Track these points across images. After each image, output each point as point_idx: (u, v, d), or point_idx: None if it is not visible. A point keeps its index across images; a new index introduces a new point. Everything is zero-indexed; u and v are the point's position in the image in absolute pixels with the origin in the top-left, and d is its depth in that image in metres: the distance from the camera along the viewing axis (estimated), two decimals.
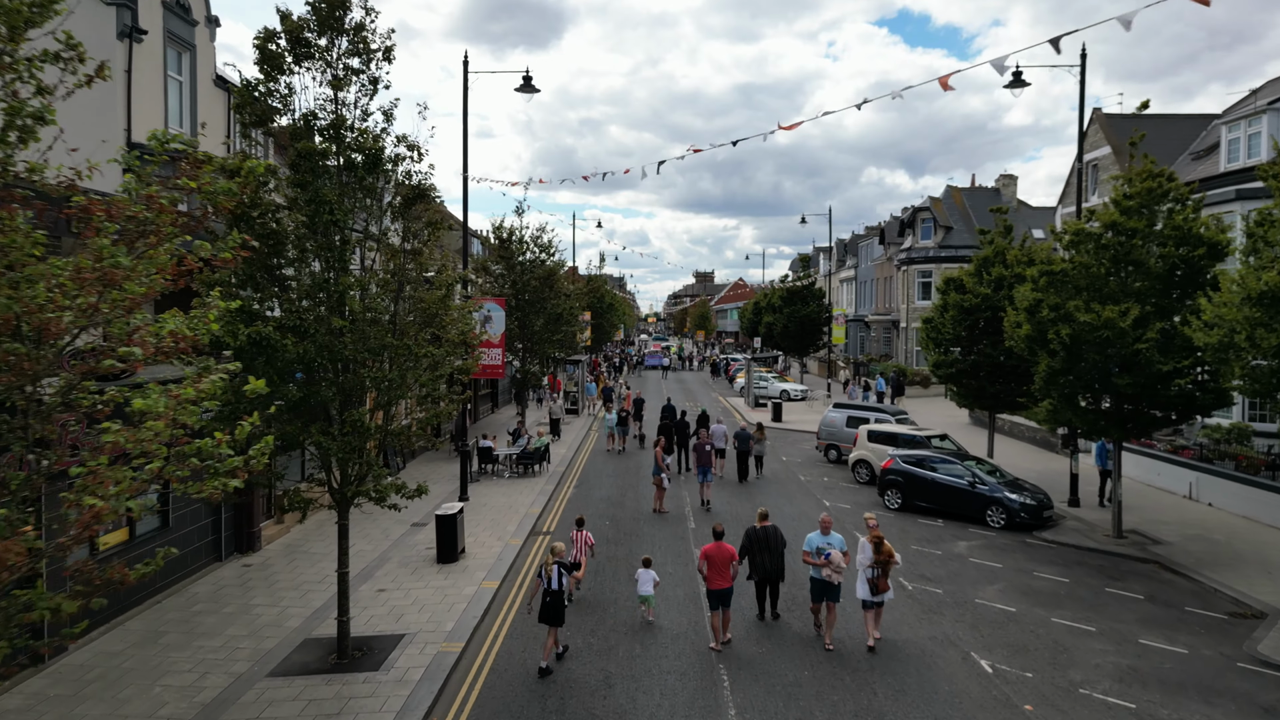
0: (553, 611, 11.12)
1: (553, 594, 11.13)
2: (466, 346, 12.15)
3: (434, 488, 22.31)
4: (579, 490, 22.38)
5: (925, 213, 48.43)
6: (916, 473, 20.09)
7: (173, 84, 17.52)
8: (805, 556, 12.21)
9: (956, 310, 23.14)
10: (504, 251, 26.53)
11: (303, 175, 10.03)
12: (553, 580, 11.15)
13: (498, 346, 21.10)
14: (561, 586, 11.19)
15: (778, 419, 36.35)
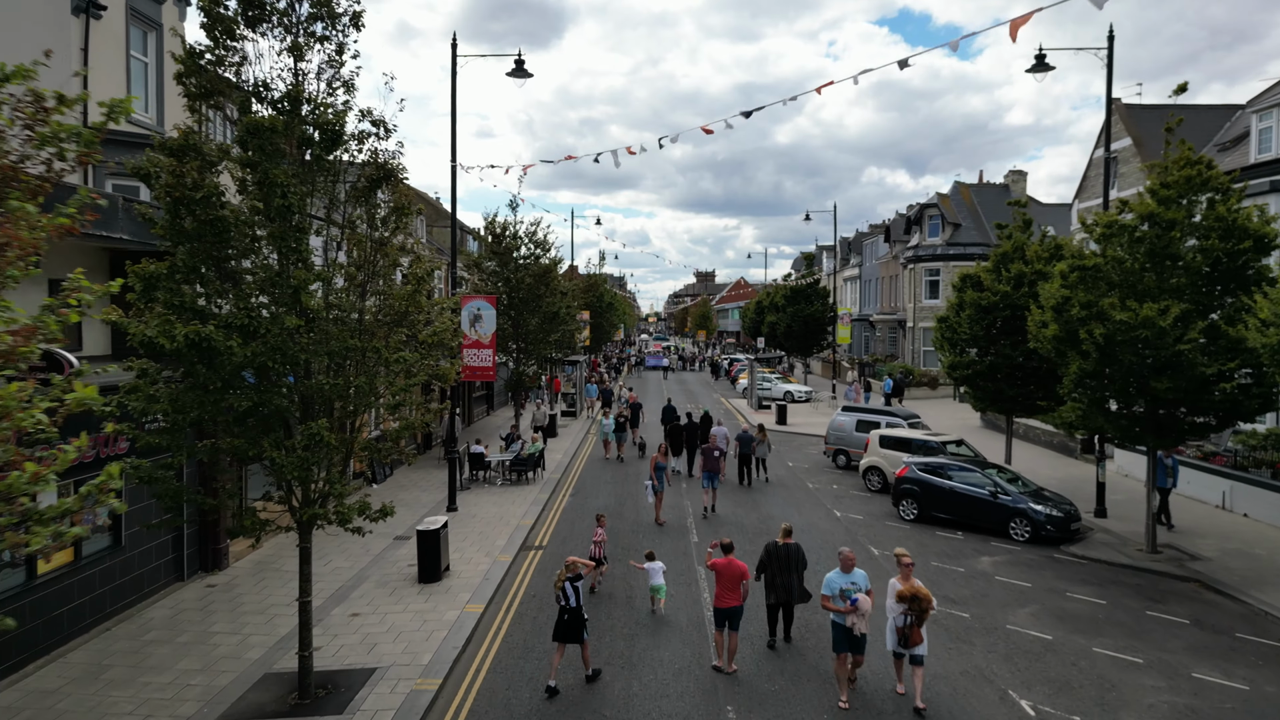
0: (571, 629, 10.39)
1: (571, 611, 10.36)
2: (444, 349, 10.93)
3: (422, 496, 21.11)
4: (575, 499, 21.15)
5: (933, 209, 47.20)
6: (933, 482, 18.86)
7: (136, 65, 16.31)
8: (825, 602, 10.25)
9: (974, 309, 21.91)
10: (497, 248, 25.29)
11: (252, 154, 8.80)
12: (569, 596, 10.39)
13: (488, 347, 19.87)
14: (579, 603, 10.41)
15: (782, 422, 35.14)
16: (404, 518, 18.87)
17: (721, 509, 19.93)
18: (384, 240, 10.02)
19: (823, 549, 16.48)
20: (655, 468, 18.71)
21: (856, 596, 9.92)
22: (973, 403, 23.19)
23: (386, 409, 10.22)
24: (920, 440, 21.86)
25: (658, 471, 18.67)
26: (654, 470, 18.69)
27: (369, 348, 9.47)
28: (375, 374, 9.71)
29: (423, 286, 10.33)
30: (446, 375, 11.30)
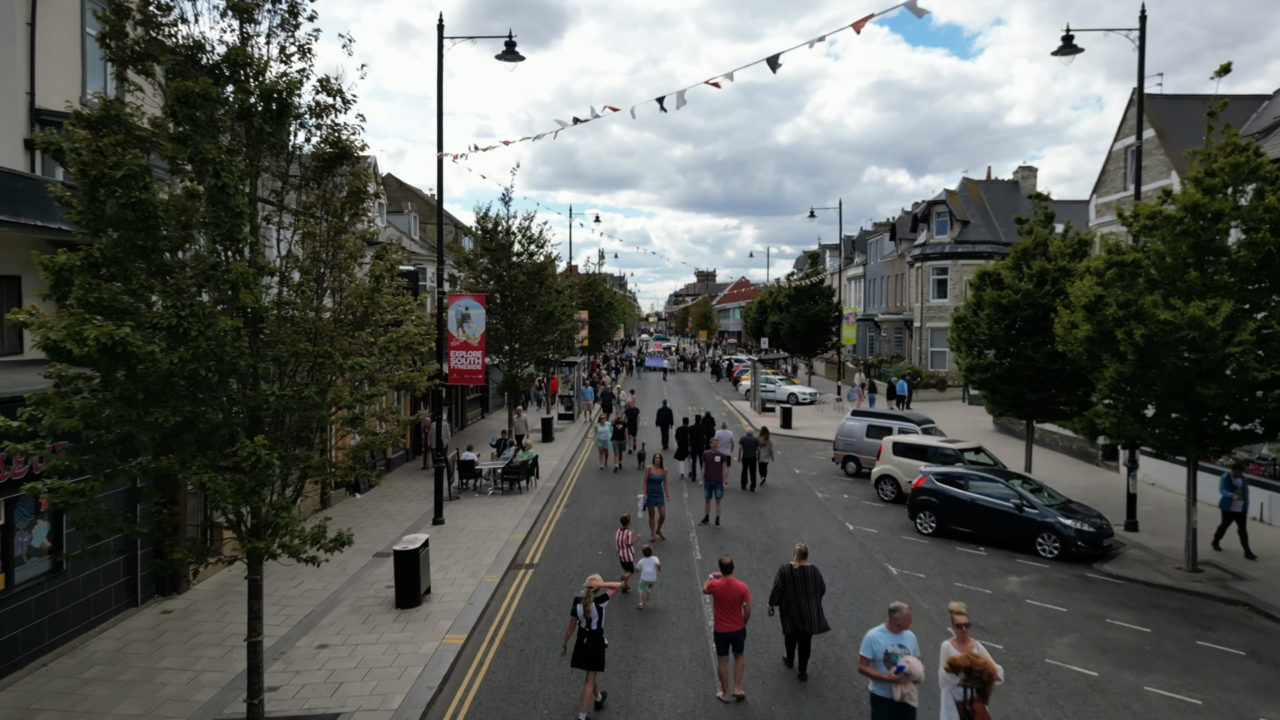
0: (591, 654, 9.55)
1: (591, 634, 9.53)
2: (412, 354, 9.68)
3: (408, 507, 19.86)
4: (570, 510, 19.89)
5: (940, 206, 45.92)
6: (953, 493, 17.60)
7: (93, 44, 15.05)
8: (863, 666, 8.20)
9: (993, 308, 20.65)
10: (489, 244, 24.03)
11: (185, 127, 7.54)
12: (591, 618, 9.54)
13: (476, 348, 18.62)
14: (601, 626, 9.58)
15: (787, 425, 33.87)
16: (386, 531, 17.64)
17: (726, 520, 18.68)
18: (341, 229, 8.76)
19: (836, 567, 15.24)
20: (649, 480, 17.10)
21: (904, 663, 7.92)
22: (990, 407, 21.92)
23: (343, 423, 8.93)
24: (937, 448, 20.60)
25: (651, 485, 17.04)
26: (647, 483, 17.11)
27: (321, 352, 8.21)
28: (329, 383, 8.45)
29: (385, 283, 9.08)
30: (415, 384, 10.03)
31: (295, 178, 8.70)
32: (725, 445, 22.70)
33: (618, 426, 25.35)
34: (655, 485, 17.00)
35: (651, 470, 17.11)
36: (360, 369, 8.44)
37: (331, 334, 8.54)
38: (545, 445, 29.02)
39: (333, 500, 19.88)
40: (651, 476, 17.05)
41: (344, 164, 8.86)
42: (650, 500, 16.95)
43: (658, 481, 16.99)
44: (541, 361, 34.38)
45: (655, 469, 17.07)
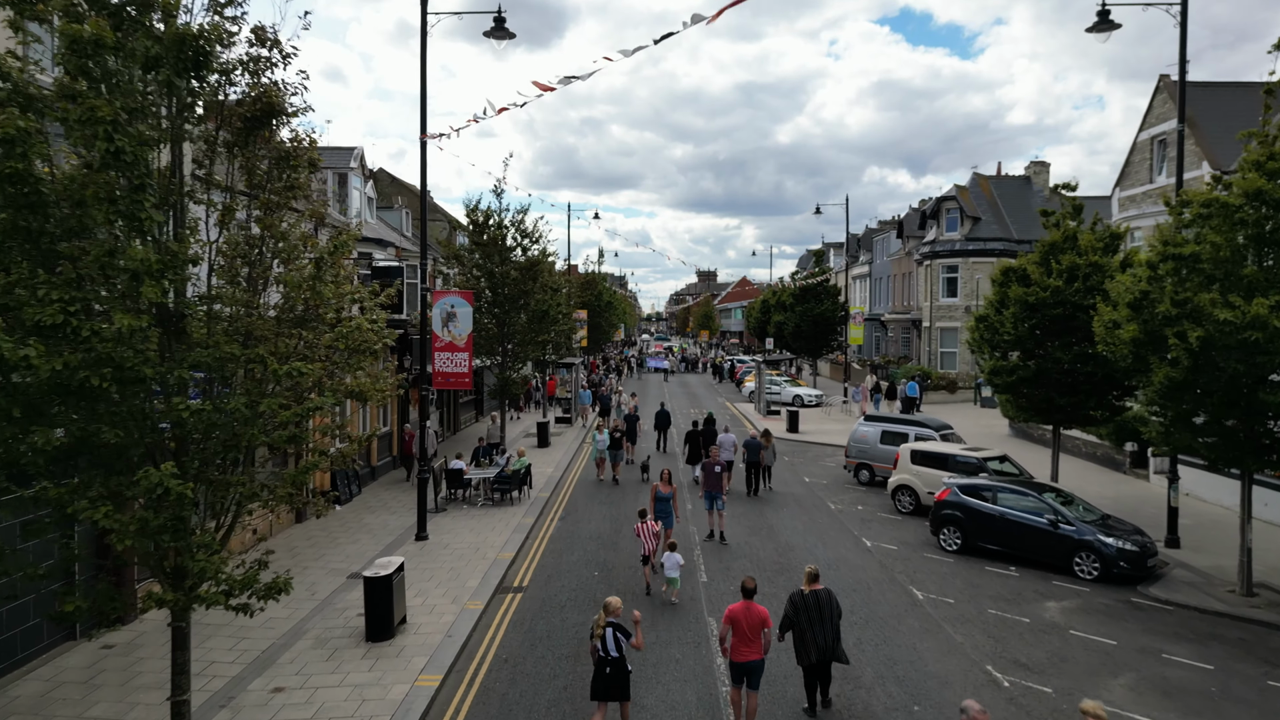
0: (613, 684, 8.68)
1: (613, 662, 8.67)
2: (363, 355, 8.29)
3: (391, 520, 18.46)
4: (564, 525, 18.49)
5: (950, 202, 44.48)
6: (980, 508, 16.20)
7: None
8: None
9: (1018, 306, 19.23)
10: (479, 238, 22.62)
11: (75, 80, 6.15)
12: (609, 645, 8.67)
13: (463, 350, 17.22)
14: (622, 653, 8.71)
15: (794, 429, 32.46)
16: (365, 548, 16.25)
17: (732, 535, 17.28)
18: (271, 205, 7.36)
19: (855, 591, 13.84)
20: (656, 499, 15.25)
21: None
22: (1013, 412, 20.50)
23: (282, 442, 7.53)
24: (958, 456, 19.19)
25: (659, 504, 15.13)
26: (654, 502, 15.20)
27: (251, 357, 6.82)
28: (263, 394, 7.06)
29: (328, 270, 7.68)
30: (365, 393, 8.64)
31: (223, 145, 7.30)
32: (727, 449, 22.03)
33: (615, 435, 23.40)
34: (664, 504, 15.16)
35: (659, 488, 15.39)
36: (299, 376, 7.03)
37: (269, 334, 7.14)
38: (540, 451, 27.63)
39: (308, 514, 18.47)
40: (659, 494, 15.27)
41: (274, 125, 7.44)
42: (665, 523, 14.93)
43: (666, 500, 15.21)
44: (539, 363, 33.07)
45: (664, 486, 15.41)
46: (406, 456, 21.92)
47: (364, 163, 29.34)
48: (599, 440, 23.18)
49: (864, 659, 11.17)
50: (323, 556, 15.65)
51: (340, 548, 16.24)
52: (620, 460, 23.43)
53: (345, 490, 20.13)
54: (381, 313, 9.19)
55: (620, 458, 23.35)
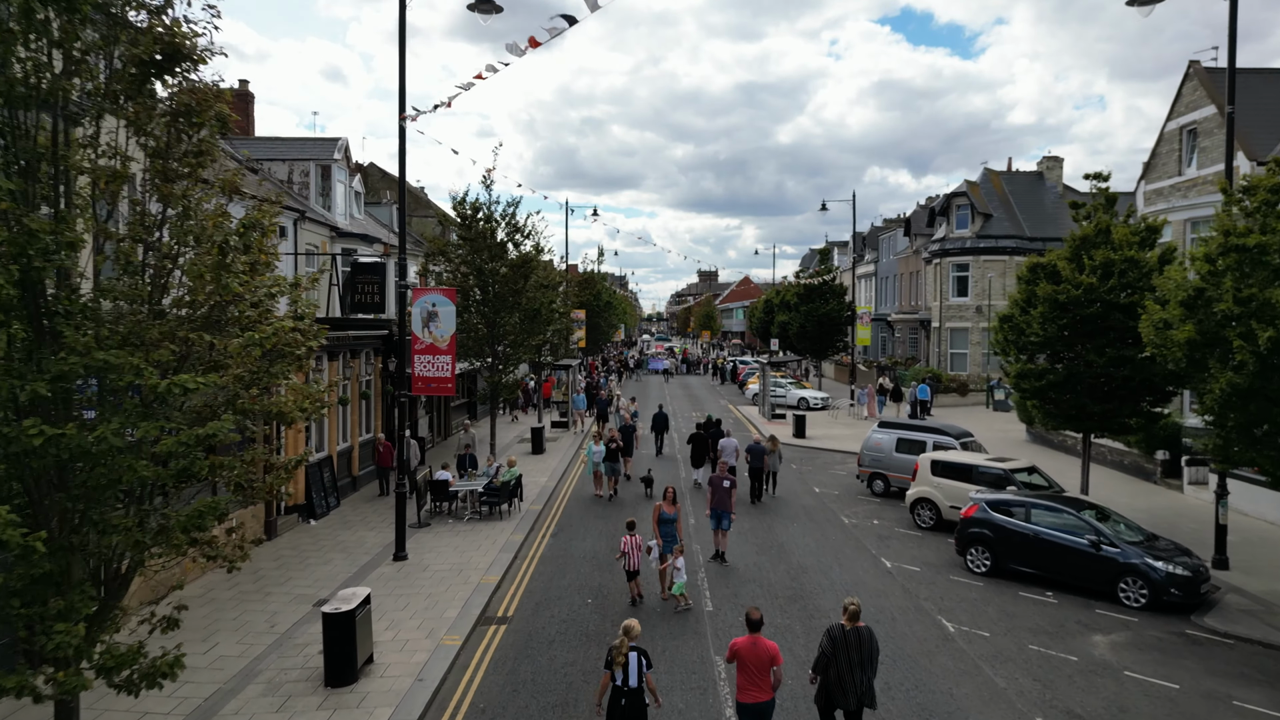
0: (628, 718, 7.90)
1: (630, 694, 7.89)
2: (283, 362, 6.86)
3: (369, 537, 17.03)
4: (556, 542, 17.05)
5: (961, 199, 43.02)
6: (1012, 526, 14.75)
7: None
8: None
9: (1048, 305, 17.78)
10: (467, 233, 21.17)
11: None
12: (630, 673, 7.89)
13: (445, 352, 15.79)
14: (642, 684, 7.98)
15: (801, 434, 31.01)
16: (337, 569, 14.83)
17: (737, 555, 15.86)
18: (174, 174, 5.92)
19: (879, 621, 12.39)
20: (659, 520, 13.66)
21: None
22: (1041, 419, 19.03)
23: (166, 477, 6.08)
24: (983, 467, 17.76)
25: (663, 526, 13.57)
26: (658, 524, 13.63)
27: (127, 366, 5.36)
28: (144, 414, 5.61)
29: (236, 257, 6.23)
30: (285, 413, 7.20)
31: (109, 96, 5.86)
32: (729, 455, 21.14)
33: (610, 446, 21.14)
34: (668, 526, 13.60)
35: (663, 507, 13.79)
36: (182, 391, 5.56)
37: (162, 338, 5.69)
38: (534, 459, 26.20)
39: (280, 529, 17.05)
40: (664, 515, 13.66)
41: (175, 71, 6.00)
42: (666, 546, 13.41)
43: (671, 522, 13.64)
44: (536, 365, 31.64)
45: (668, 505, 13.83)
46: (383, 469, 20.46)
47: (349, 154, 27.95)
48: (594, 452, 21.25)
49: (894, 708, 9.74)
50: (289, 580, 14.21)
51: (310, 569, 14.81)
52: (617, 474, 21.37)
53: (321, 503, 18.69)
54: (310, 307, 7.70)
55: (617, 471, 21.29)
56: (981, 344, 42.08)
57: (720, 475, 15.74)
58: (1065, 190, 45.59)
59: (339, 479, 20.21)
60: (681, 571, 12.94)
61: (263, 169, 25.15)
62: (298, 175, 25.73)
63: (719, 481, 15.61)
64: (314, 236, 24.18)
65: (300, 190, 25.64)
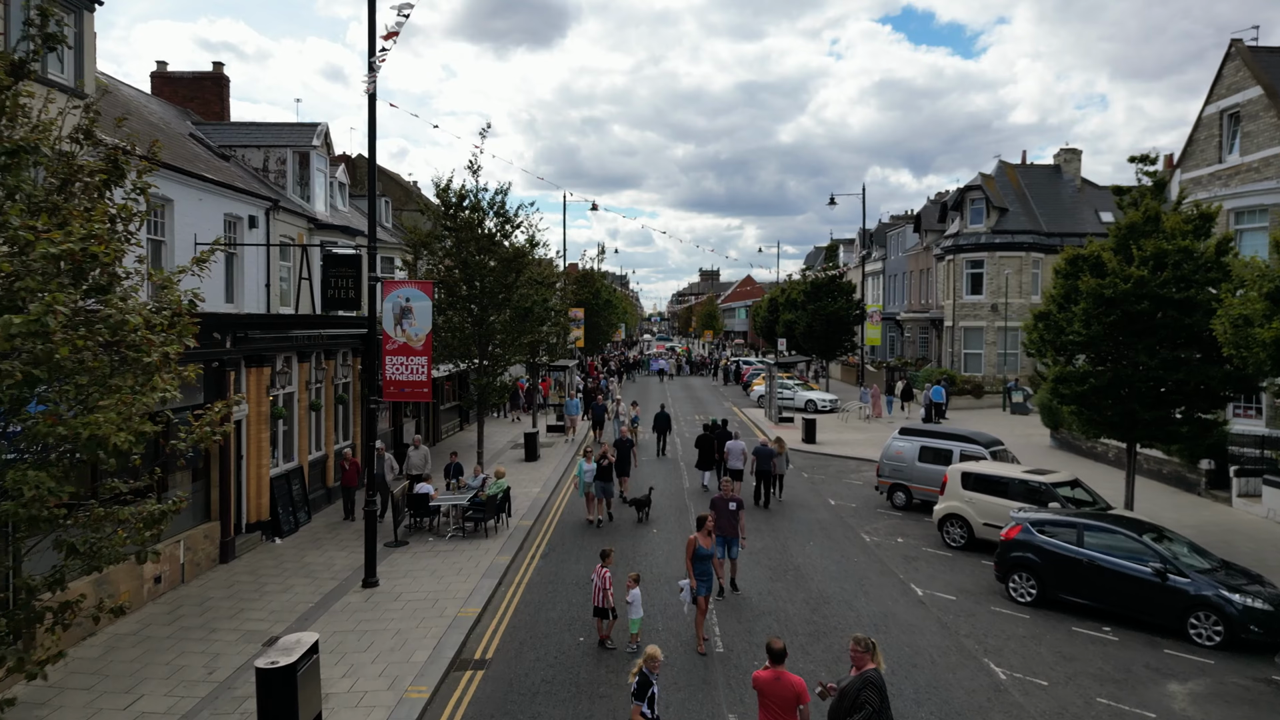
0: None
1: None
2: (135, 368, 5.11)
3: (337, 558, 15.33)
4: (546, 565, 15.31)
5: (976, 192, 41.23)
6: (1063, 550, 13.01)
7: None
8: None
9: (1092, 300, 16.03)
10: (451, 222, 19.41)
11: None
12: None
13: (420, 354, 14.07)
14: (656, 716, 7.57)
15: (810, 439, 29.25)
16: (298, 597, 13.11)
17: (747, 581, 14.11)
18: None
19: (915, 666, 10.69)
20: (695, 556, 11.31)
21: None
22: (1082, 427, 17.29)
23: None
24: (1022, 481, 16.02)
25: (699, 564, 11.29)
26: (692, 560, 11.31)
27: None
28: None
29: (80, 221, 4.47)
30: (103, 439, 5.39)
31: None
32: (736, 457, 20.32)
33: (603, 463, 18.19)
34: (705, 564, 11.38)
35: (699, 541, 11.40)
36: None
37: None
38: (527, 467, 24.49)
39: (239, 549, 15.32)
40: (700, 550, 11.35)
41: None
42: (702, 587, 11.26)
43: (708, 559, 11.45)
44: (532, 366, 29.90)
45: (704, 538, 11.47)
46: (348, 489, 18.24)
47: (329, 141, 26.24)
48: (584, 470, 18.36)
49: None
50: (240, 613, 12.48)
51: (266, 599, 13.08)
52: (611, 495, 18.51)
53: (288, 519, 16.96)
54: (176, 289, 5.94)
55: (610, 492, 18.42)
56: (997, 344, 40.38)
57: (725, 496, 13.94)
58: (1084, 184, 43.86)
59: (311, 491, 18.49)
60: (637, 605, 10.93)
61: (236, 156, 23.47)
62: (274, 163, 24.00)
63: (723, 504, 13.80)
64: (289, 228, 22.46)
65: (277, 179, 23.92)
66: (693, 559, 11.34)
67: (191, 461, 14.15)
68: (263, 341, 15.95)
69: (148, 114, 20.70)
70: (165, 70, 26.44)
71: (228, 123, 25.77)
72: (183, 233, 17.17)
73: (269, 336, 16.25)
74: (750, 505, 19.42)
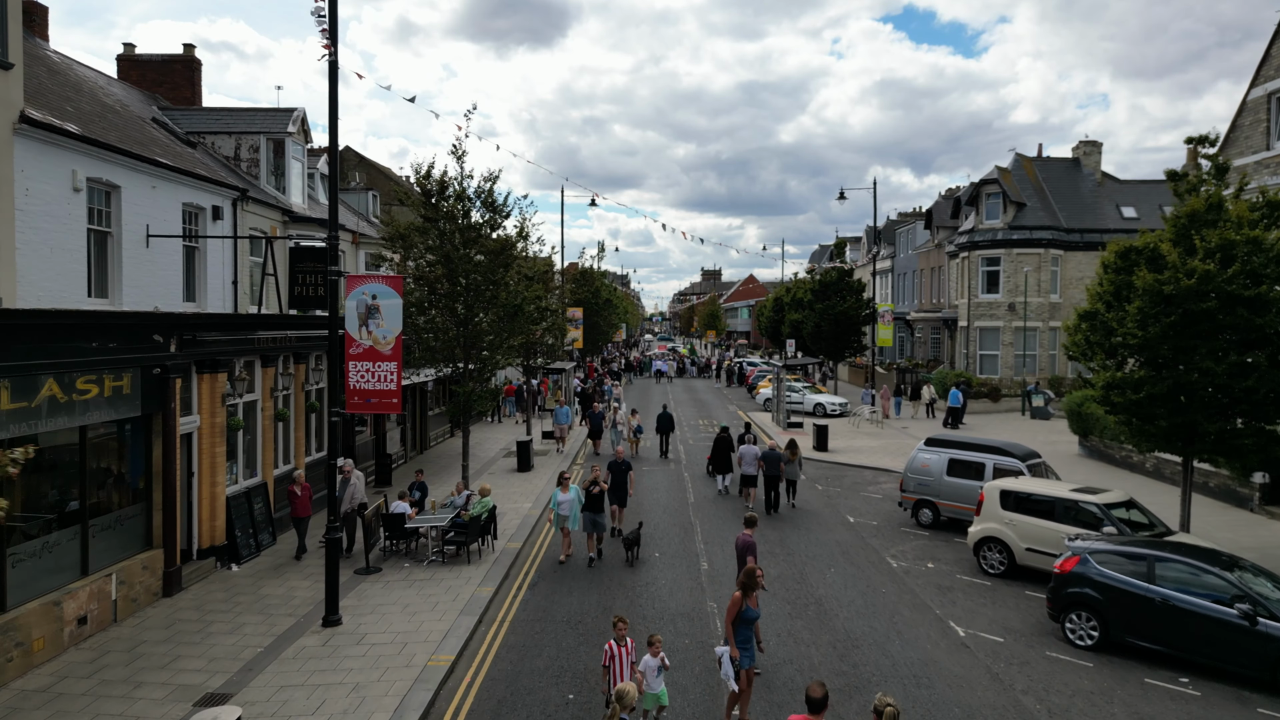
0: None
1: None
2: None
3: (299, 589, 13.58)
4: (534, 599, 13.52)
5: (992, 186, 39.43)
6: (1130, 587, 11.24)
7: None
8: None
9: (1149, 298, 14.25)
10: (433, 212, 17.62)
11: None
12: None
13: (389, 359, 12.31)
14: None
15: (822, 446, 27.44)
16: (246, 639, 11.35)
17: (763, 620, 12.28)
18: None
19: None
20: (739, 618, 9.03)
21: None
22: (1135, 439, 15.52)
23: None
24: (1070, 501, 14.24)
25: (741, 629, 9.02)
26: (734, 624, 9.03)
27: None
28: None
29: None
30: None
31: None
32: (750, 462, 19.43)
33: (592, 490, 15.09)
34: (747, 630, 9.10)
35: (746, 603, 9.05)
36: None
37: None
38: (519, 478, 22.73)
39: (188, 579, 13.55)
40: (747, 613, 9.06)
41: None
42: (745, 658, 9.06)
43: (752, 624, 9.14)
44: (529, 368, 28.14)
45: (752, 602, 9.10)
46: (299, 519, 15.19)
47: (306, 128, 24.45)
48: (559, 502, 14.93)
49: None
50: (175, 660, 10.71)
51: (210, 641, 11.32)
52: (603, 529, 15.23)
53: (248, 543, 15.19)
54: None
55: (602, 525, 15.16)
56: (1014, 344, 38.60)
57: (749, 539, 12.09)
58: (1104, 178, 42.07)
59: (277, 510, 16.71)
60: (653, 676, 8.56)
61: (205, 143, 21.72)
62: (246, 151, 22.22)
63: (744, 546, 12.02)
64: (260, 220, 20.67)
65: (249, 169, 22.16)
66: (735, 622, 9.03)
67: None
68: (216, 344, 14.21)
69: (102, 95, 18.94)
70: (133, 53, 24.71)
71: (197, 108, 24.02)
72: (133, 224, 15.40)
73: (225, 339, 14.51)
74: (760, 512, 18.52)
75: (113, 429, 12.25)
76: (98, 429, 11.84)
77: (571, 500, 15.06)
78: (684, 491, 21.29)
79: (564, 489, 15.13)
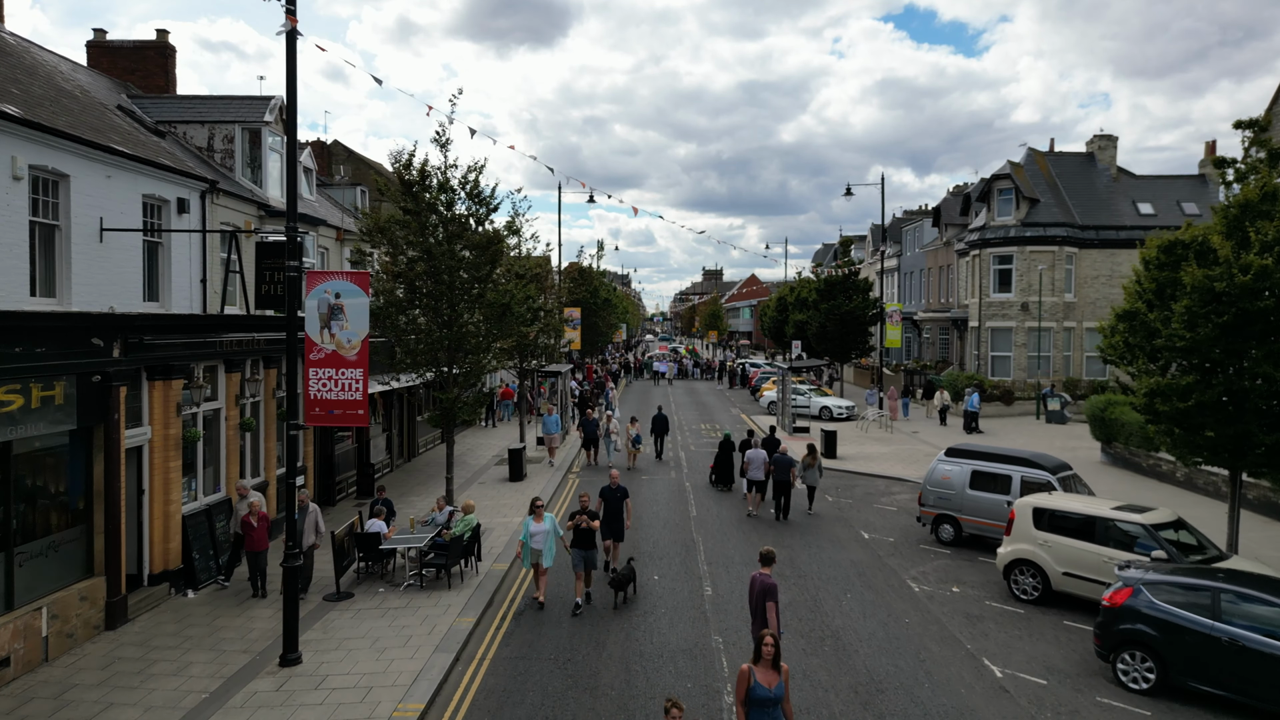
0: None
1: None
2: None
3: (260, 617, 12.29)
4: (519, 629, 12.17)
5: (1004, 181, 38.05)
6: (1193, 625, 9.89)
7: None
8: None
9: (1198, 297, 12.91)
10: (414, 204, 16.28)
11: None
12: None
13: (355, 364, 10.98)
14: None
15: (831, 453, 26.11)
16: (194, 682, 10.02)
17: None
18: None
19: None
20: (749, 700, 7.18)
21: None
22: (1179, 450, 14.16)
23: None
24: (1113, 520, 12.89)
25: (754, 710, 7.17)
26: (745, 705, 7.22)
27: None
28: None
29: None
30: None
31: None
32: (757, 467, 18.81)
33: (579, 524, 12.89)
34: (764, 713, 7.19)
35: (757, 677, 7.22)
36: None
37: None
38: (510, 488, 21.41)
39: (134, 609, 12.22)
40: (758, 693, 7.16)
41: None
42: None
43: (768, 705, 7.15)
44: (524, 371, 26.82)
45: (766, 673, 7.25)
46: (254, 554, 13.13)
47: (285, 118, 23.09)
48: (530, 533, 12.62)
49: None
50: (106, 710, 9.38)
51: (149, 685, 10.00)
52: (594, 566, 13.13)
53: (208, 566, 13.87)
54: None
55: (594, 562, 13.04)
56: (1028, 345, 37.24)
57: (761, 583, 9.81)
58: (1119, 173, 40.71)
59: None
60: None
61: (176, 132, 20.42)
62: (220, 141, 20.90)
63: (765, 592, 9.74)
64: (234, 215, 19.33)
65: (224, 160, 20.84)
66: (746, 702, 7.20)
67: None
68: (170, 348, 12.88)
69: (61, 80, 17.63)
70: (103, 39, 23.44)
71: (169, 96, 22.73)
72: (84, 216, 14.08)
73: (180, 342, 13.19)
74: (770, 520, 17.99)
75: (47, 444, 10.94)
76: (28, 444, 10.53)
77: (547, 531, 12.68)
78: (685, 504, 19.96)
79: (537, 517, 12.78)
